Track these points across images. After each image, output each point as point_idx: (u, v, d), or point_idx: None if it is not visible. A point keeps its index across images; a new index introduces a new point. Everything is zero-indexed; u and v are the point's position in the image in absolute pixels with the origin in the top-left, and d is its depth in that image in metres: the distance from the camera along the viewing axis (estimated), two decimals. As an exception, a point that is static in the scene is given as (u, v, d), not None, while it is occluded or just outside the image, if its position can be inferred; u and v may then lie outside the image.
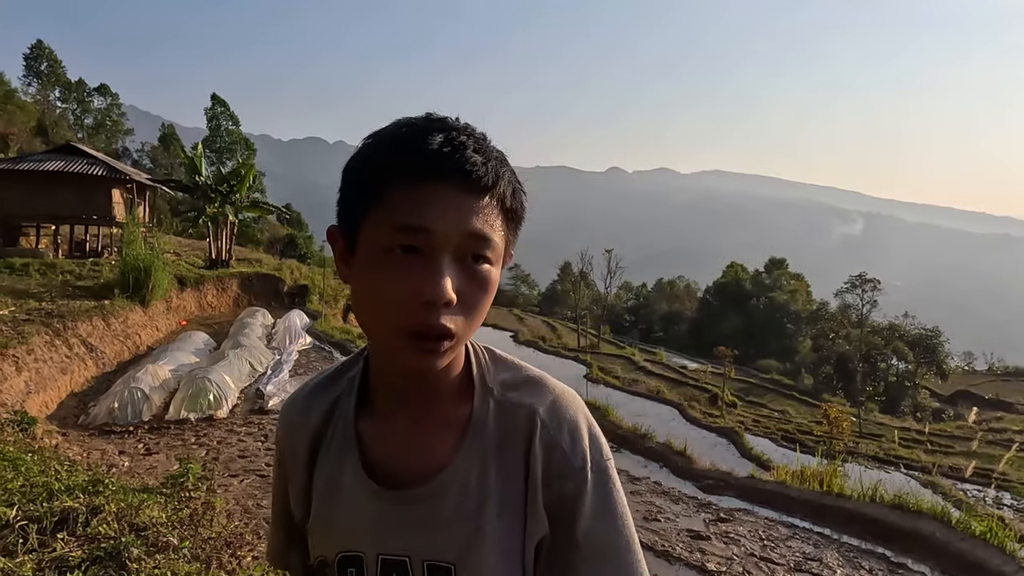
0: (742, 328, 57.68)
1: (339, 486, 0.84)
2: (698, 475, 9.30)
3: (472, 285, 0.72)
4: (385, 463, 0.83)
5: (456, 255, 0.71)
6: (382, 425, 0.84)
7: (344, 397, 0.88)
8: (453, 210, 0.70)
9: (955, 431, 30.27)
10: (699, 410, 21.55)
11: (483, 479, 0.78)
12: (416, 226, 0.69)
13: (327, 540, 0.84)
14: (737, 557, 5.82)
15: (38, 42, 45.81)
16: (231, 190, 23.73)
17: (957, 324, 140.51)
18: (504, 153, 0.76)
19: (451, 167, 0.70)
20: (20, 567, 2.16)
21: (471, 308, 0.73)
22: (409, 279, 0.70)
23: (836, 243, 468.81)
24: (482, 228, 0.71)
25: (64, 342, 11.37)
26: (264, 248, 38.00)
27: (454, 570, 0.77)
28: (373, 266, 0.72)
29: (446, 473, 0.79)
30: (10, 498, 2.75)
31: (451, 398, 0.82)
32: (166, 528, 2.64)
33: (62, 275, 16.44)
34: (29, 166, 18.91)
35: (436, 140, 0.70)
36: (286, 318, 17.93)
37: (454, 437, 0.80)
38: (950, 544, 6.02)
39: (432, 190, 0.70)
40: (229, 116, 49.16)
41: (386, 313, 0.71)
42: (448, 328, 0.71)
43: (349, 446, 0.84)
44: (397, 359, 0.75)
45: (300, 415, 0.91)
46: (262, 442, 8.28)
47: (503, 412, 0.81)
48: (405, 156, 0.70)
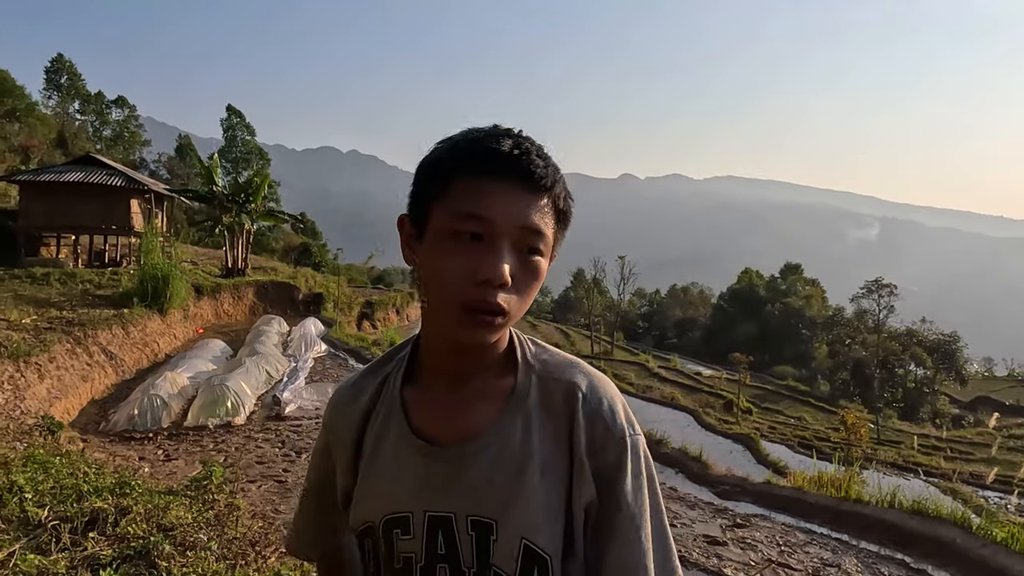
0: (757, 334, 57.33)
1: (387, 451, 0.91)
2: (714, 481, 9.26)
3: (524, 272, 0.82)
4: (429, 427, 0.89)
5: (513, 245, 0.80)
6: (426, 394, 0.91)
7: (393, 374, 0.96)
8: (514, 204, 0.80)
9: (975, 437, 29.86)
10: (714, 416, 21.44)
11: (526, 442, 0.85)
12: (481, 215, 0.79)
13: (375, 503, 0.90)
14: (754, 563, 5.80)
15: (58, 55, 46.64)
16: (247, 199, 23.97)
17: (977, 329, 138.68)
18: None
19: (518, 167, 0.80)
20: (54, 564, 2.23)
21: (522, 292, 0.82)
22: (470, 260, 0.78)
23: (852, 248, 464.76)
24: (538, 223, 0.81)
25: (85, 350, 11.54)
26: (279, 256, 38.34)
27: (496, 526, 0.83)
28: (439, 248, 0.81)
29: (488, 434, 0.86)
30: (42, 499, 2.83)
31: (493, 371, 0.89)
32: (193, 528, 2.70)
33: (82, 284, 16.67)
34: (50, 177, 19.20)
35: (506, 143, 0.80)
36: (301, 326, 18.05)
37: (495, 405, 0.88)
38: (971, 550, 5.95)
39: (498, 185, 0.80)
40: (244, 126, 49.80)
41: (448, 289, 0.80)
42: (502, 306, 0.79)
43: (395, 413, 0.92)
44: (454, 331, 0.82)
45: (351, 397, 0.98)
46: (279, 448, 8.33)
47: (544, 386, 0.88)
48: (478, 154, 0.80)
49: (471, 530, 0.84)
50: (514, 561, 0.82)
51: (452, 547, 0.85)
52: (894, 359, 45.17)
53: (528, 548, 0.82)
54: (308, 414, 10.33)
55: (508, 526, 0.83)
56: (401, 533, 0.88)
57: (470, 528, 0.84)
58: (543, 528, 0.83)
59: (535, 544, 0.82)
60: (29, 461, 3.34)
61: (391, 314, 30.77)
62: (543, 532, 0.83)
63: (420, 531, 0.86)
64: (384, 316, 29.59)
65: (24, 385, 8.95)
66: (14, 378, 9.00)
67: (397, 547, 0.88)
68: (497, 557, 0.83)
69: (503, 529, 0.83)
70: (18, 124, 35.22)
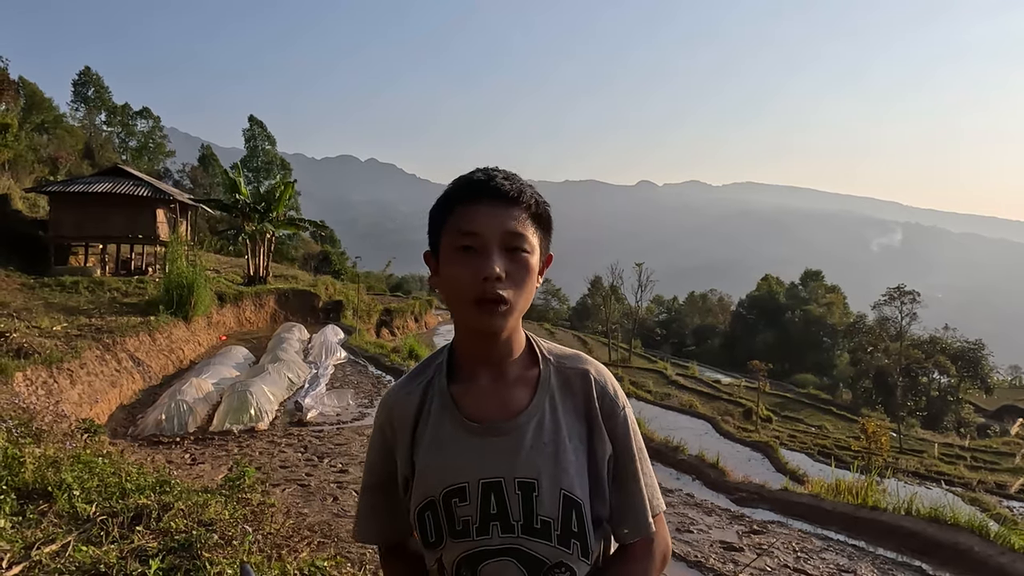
0: (777, 342, 56.77)
1: (443, 436, 1.13)
2: (731, 488, 9.28)
3: (515, 266, 1.06)
4: (478, 411, 1.13)
5: (502, 247, 1.05)
6: (470, 386, 1.15)
7: (436, 377, 1.19)
8: (495, 217, 1.05)
9: (1000, 447, 29.34)
10: (733, 424, 21.33)
11: (555, 416, 1.11)
12: (472, 230, 1.05)
13: (436, 480, 1.11)
14: (771, 569, 5.84)
15: (85, 68, 47.68)
16: (269, 208, 24.35)
17: (1004, 337, 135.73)
18: (530, 183, 1.11)
19: (488, 189, 1.07)
20: (106, 555, 2.41)
21: (518, 283, 1.06)
22: (472, 265, 1.04)
23: (876, 255, 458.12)
24: (515, 227, 1.06)
25: (113, 356, 11.84)
26: (299, 265, 38.75)
27: (538, 483, 1.07)
28: (449, 262, 1.07)
29: (526, 414, 1.11)
30: (89, 496, 3.01)
31: (520, 364, 1.15)
32: (231, 524, 2.86)
33: (109, 292, 17.08)
34: (80, 188, 19.64)
35: (479, 175, 1.09)
36: (322, 333, 18.32)
37: (527, 390, 1.13)
38: (990, 558, 5.95)
39: (479, 205, 1.06)
40: (266, 136, 50.52)
41: (460, 291, 1.06)
42: (502, 295, 1.04)
43: (447, 405, 1.14)
44: (470, 323, 1.08)
45: (402, 398, 1.19)
46: (301, 453, 8.49)
47: (560, 373, 1.15)
48: (462, 187, 1.09)
49: (518, 490, 1.07)
50: (557, 509, 1.06)
51: (502, 506, 1.07)
52: (917, 367, 44.48)
53: (567, 497, 1.07)
54: (329, 420, 10.52)
55: (549, 482, 1.07)
56: (458, 501, 1.08)
57: (517, 488, 1.07)
58: (576, 480, 1.08)
59: (572, 493, 1.07)
60: (75, 461, 3.54)
61: (410, 321, 30.96)
62: (576, 483, 1.08)
63: (475, 497, 1.08)
64: (403, 323, 29.79)
65: (58, 390, 9.24)
66: (47, 383, 9.30)
67: (456, 514, 1.08)
68: (542, 508, 1.06)
69: (544, 485, 1.06)
70: (47, 136, 36.07)
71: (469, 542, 1.08)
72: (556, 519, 1.06)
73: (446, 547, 1.10)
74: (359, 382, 13.82)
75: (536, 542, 1.06)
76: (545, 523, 1.06)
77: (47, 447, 3.85)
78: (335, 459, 8.10)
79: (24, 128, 29.39)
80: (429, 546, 1.12)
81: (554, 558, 1.07)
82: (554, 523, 1.06)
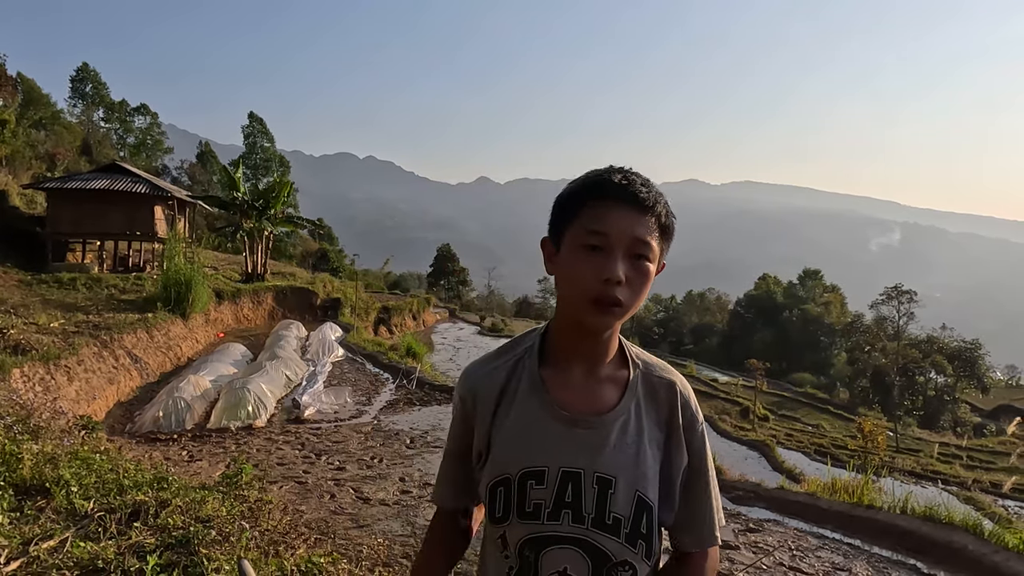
0: (775, 341, 56.84)
1: (529, 417, 1.16)
2: (727, 486, 9.28)
3: (636, 273, 1.07)
4: (568, 401, 1.15)
5: (626, 253, 1.06)
6: (561, 375, 1.17)
7: (525, 358, 1.21)
8: (626, 221, 1.06)
9: (996, 446, 29.44)
10: (730, 423, 21.38)
11: (639, 420, 1.15)
12: (602, 231, 1.05)
13: (514, 458, 1.14)
14: (767, 567, 5.87)
15: (83, 65, 47.52)
16: (267, 205, 24.32)
17: (1002, 337, 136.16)
18: (660, 191, 1.12)
19: (626, 193, 1.06)
20: (104, 551, 2.42)
21: (635, 289, 1.08)
22: (596, 265, 1.05)
23: (876, 255, 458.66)
24: (644, 235, 1.07)
25: (111, 353, 11.83)
26: (297, 262, 38.71)
27: (615, 481, 1.10)
28: (573, 257, 1.08)
29: (614, 412, 1.14)
30: (86, 492, 3.02)
31: (612, 364, 1.19)
32: (228, 520, 2.88)
33: (107, 289, 17.04)
34: (78, 185, 19.57)
35: (617, 176, 1.08)
36: (319, 330, 18.30)
37: (616, 390, 1.17)
38: (984, 556, 5.97)
39: (613, 208, 1.06)
40: (264, 133, 50.42)
41: (579, 287, 1.06)
42: (619, 298, 1.05)
43: (536, 388, 1.17)
44: (583, 319, 1.09)
45: (486, 375, 1.22)
46: (299, 450, 8.49)
47: (648, 380, 1.19)
48: (597, 186, 1.08)
49: (595, 484, 1.10)
50: (629, 508, 1.10)
51: (578, 496, 1.10)
52: (914, 367, 44.55)
53: (640, 498, 1.11)
54: (327, 417, 10.52)
55: (626, 482, 1.11)
56: (535, 483, 1.11)
57: (595, 483, 1.10)
58: (650, 484, 1.12)
59: (646, 495, 1.11)
60: (73, 457, 3.55)
61: (407, 319, 30.95)
62: (651, 486, 1.12)
63: (553, 483, 1.11)
64: (401, 321, 29.77)
65: (55, 386, 9.23)
66: (45, 379, 9.30)
67: (530, 495, 1.11)
68: (616, 506, 1.10)
69: (621, 484, 1.10)
70: (44, 132, 35.97)
71: (537, 525, 1.11)
72: (627, 518, 1.10)
73: (511, 525, 1.12)
74: (357, 380, 13.81)
75: (605, 536, 1.09)
76: (616, 520, 1.09)
77: (45, 443, 3.86)
78: (332, 456, 8.11)
79: (22, 124, 29.32)
80: (495, 521, 1.15)
81: (620, 555, 1.10)
82: (625, 521, 1.09)
